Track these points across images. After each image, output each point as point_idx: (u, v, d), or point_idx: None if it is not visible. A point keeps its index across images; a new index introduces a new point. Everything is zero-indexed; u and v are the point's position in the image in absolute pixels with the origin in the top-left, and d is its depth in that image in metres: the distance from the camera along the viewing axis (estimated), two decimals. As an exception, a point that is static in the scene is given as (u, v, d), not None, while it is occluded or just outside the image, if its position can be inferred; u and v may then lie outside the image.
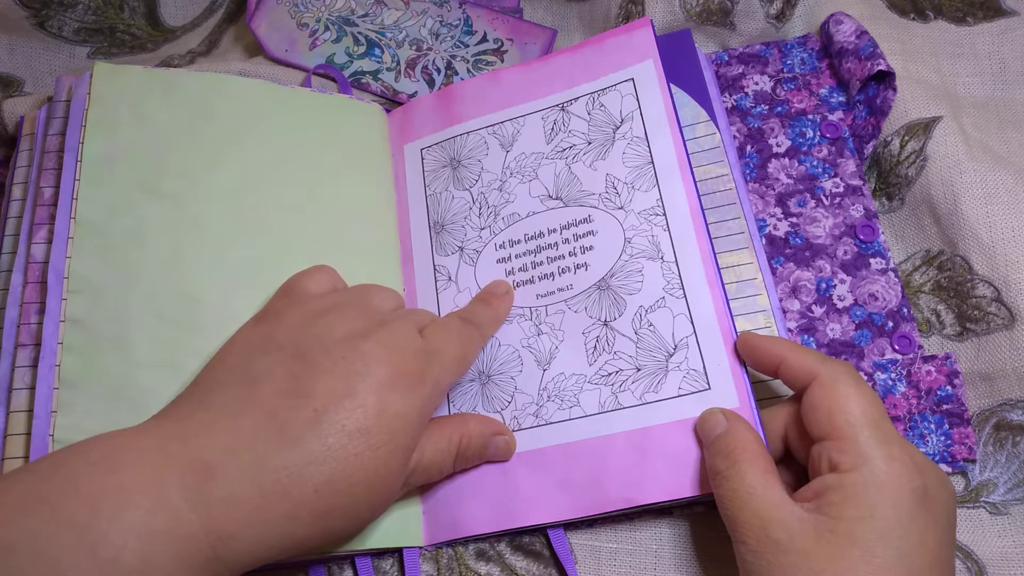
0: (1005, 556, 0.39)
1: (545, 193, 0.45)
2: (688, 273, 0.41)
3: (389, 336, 0.36)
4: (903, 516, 0.31)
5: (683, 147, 0.43)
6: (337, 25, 0.54)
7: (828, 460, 0.33)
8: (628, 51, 0.46)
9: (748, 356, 0.38)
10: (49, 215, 0.41)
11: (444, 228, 0.46)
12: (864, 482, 0.32)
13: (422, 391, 0.36)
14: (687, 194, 0.42)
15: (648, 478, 0.38)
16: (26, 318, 0.40)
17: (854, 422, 0.33)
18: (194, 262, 0.41)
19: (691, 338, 0.40)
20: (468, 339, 0.40)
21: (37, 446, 0.37)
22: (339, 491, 0.33)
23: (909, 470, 0.32)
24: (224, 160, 0.44)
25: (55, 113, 0.44)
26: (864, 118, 0.48)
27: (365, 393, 0.34)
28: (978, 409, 0.42)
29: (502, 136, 0.47)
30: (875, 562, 0.31)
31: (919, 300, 0.44)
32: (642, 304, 0.41)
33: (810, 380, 0.35)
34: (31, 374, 0.39)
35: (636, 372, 0.40)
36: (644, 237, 0.42)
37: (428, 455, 0.38)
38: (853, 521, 0.31)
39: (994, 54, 0.50)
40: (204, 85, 0.46)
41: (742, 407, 0.38)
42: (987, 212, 0.43)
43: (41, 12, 0.53)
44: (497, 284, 0.44)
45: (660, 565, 0.40)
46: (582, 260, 0.43)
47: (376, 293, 0.40)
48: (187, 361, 0.39)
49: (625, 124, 0.44)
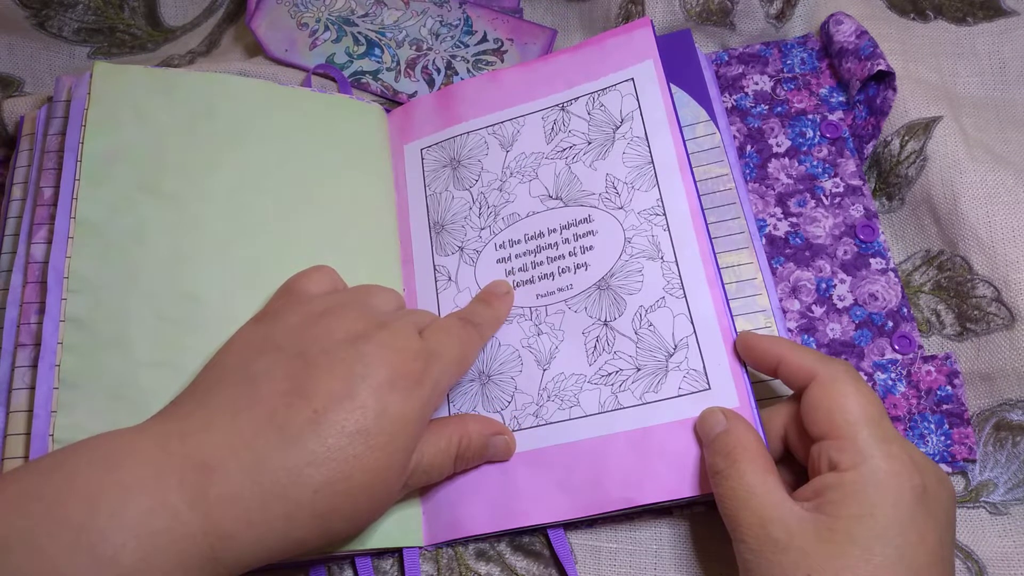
0: (1005, 556, 0.39)
1: (545, 193, 0.45)
2: (688, 273, 0.41)
3: (389, 337, 0.36)
4: (902, 515, 0.31)
5: (683, 147, 0.43)
6: (337, 25, 0.54)
7: (827, 459, 0.33)
8: (628, 51, 0.46)
9: (747, 356, 0.38)
10: (49, 215, 0.41)
11: (444, 228, 0.46)
12: (863, 481, 0.32)
13: (422, 392, 0.36)
14: (687, 194, 0.42)
15: (648, 478, 0.38)
16: (26, 318, 0.40)
17: (853, 421, 0.33)
18: (194, 261, 0.42)
19: (691, 338, 0.40)
20: (468, 340, 0.40)
21: (37, 446, 0.37)
22: (338, 492, 0.33)
23: (908, 469, 0.32)
24: (224, 160, 0.44)
25: (55, 113, 0.44)
26: (864, 118, 0.48)
27: (365, 394, 0.34)
28: (978, 409, 0.42)
29: (502, 136, 0.47)
30: (874, 561, 0.30)
31: (919, 300, 0.44)
32: (642, 304, 0.41)
33: (809, 379, 0.35)
34: (31, 374, 0.39)
35: (636, 372, 0.40)
36: (644, 237, 0.42)
37: (428, 456, 0.38)
38: (852, 520, 0.31)
39: (994, 54, 0.50)
40: (204, 85, 0.46)
41: (742, 407, 0.38)
42: (987, 212, 0.43)
43: (41, 12, 0.53)
44: (497, 284, 0.44)
45: (660, 565, 0.40)
46: (582, 260, 0.43)
47: (376, 293, 0.40)
48: (187, 361, 0.39)
49: (625, 124, 0.44)
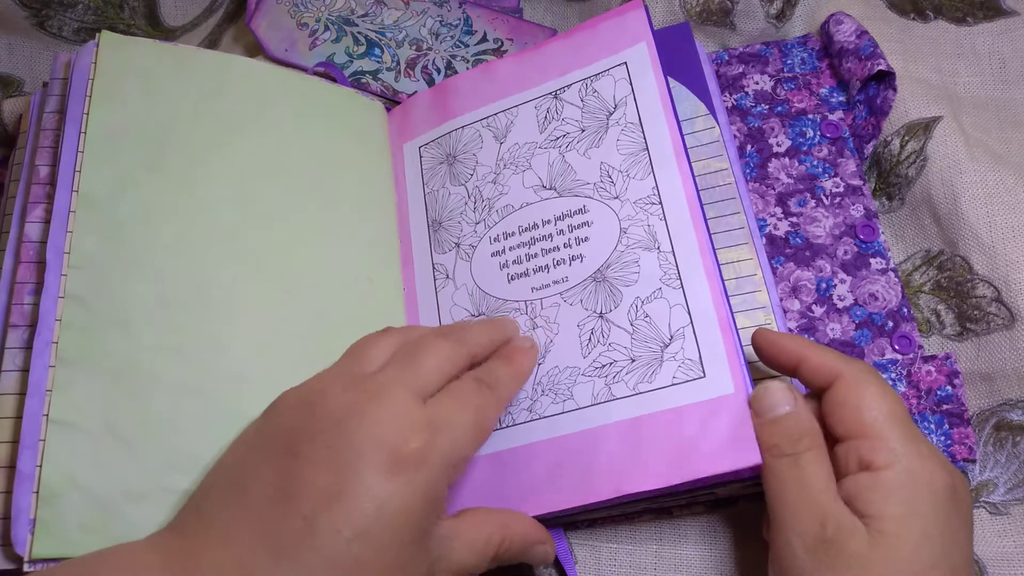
0: (1005, 556, 0.39)
1: (539, 183, 0.44)
2: (685, 263, 0.40)
3: (382, 411, 0.32)
4: (940, 514, 0.31)
5: (679, 133, 0.41)
6: (337, 25, 0.54)
7: (858, 458, 0.33)
8: (621, 34, 0.44)
9: (766, 353, 0.37)
10: (45, 194, 0.40)
11: (441, 225, 0.46)
12: (900, 480, 0.31)
13: (427, 473, 0.31)
14: (683, 181, 0.41)
15: (636, 467, 0.37)
16: (18, 298, 0.39)
17: (884, 420, 0.33)
18: (200, 246, 0.40)
19: (687, 328, 0.39)
20: (483, 404, 0.35)
21: (29, 426, 0.36)
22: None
23: (941, 468, 0.32)
24: (231, 142, 0.43)
25: (52, 91, 0.43)
26: (864, 118, 0.48)
27: (358, 490, 0.30)
28: (978, 409, 0.41)
29: (496, 128, 0.46)
30: (923, 560, 0.30)
31: (919, 300, 0.44)
32: (638, 295, 0.40)
33: (832, 379, 0.34)
34: (23, 356, 0.38)
35: (631, 363, 0.39)
36: (640, 227, 0.41)
37: (460, 551, 0.33)
38: (898, 521, 0.31)
39: (994, 54, 0.50)
40: (215, 63, 0.44)
41: (737, 393, 0.37)
42: (987, 212, 0.43)
43: (41, 12, 0.53)
44: (521, 339, 0.40)
45: (660, 565, 0.40)
46: (577, 252, 0.42)
47: (369, 345, 0.36)
48: (190, 346, 0.38)
49: (619, 110, 0.43)
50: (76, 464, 0.36)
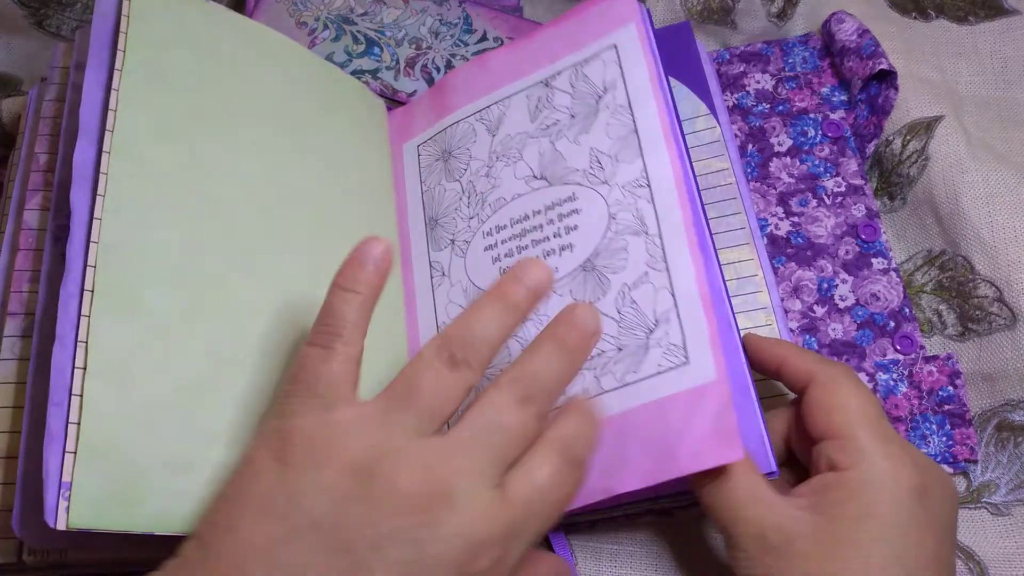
0: (1007, 557, 0.39)
1: (530, 174, 0.43)
2: (671, 244, 0.38)
3: (459, 523, 0.28)
4: (902, 515, 0.31)
5: (669, 113, 0.40)
6: (336, 24, 0.53)
7: (827, 459, 0.33)
8: (610, 17, 0.43)
9: (751, 358, 0.38)
10: (44, 181, 0.39)
11: (438, 223, 0.45)
12: (863, 480, 0.32)
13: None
14: (672, 162, 0.39)
15: (625, 465, 0.36)
16: (17, 286, 0.38)
17: (852, 420, 0.33)
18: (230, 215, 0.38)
19: (672, 311, 0.37)
20: (569, 495, 0.32)
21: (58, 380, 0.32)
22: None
23: (908, 468, 0.32)
24: (261, 111, 0.42)
25: (52, 80, 0.43)
26: (866, 117, 0.47)
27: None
28: (980, 410, 0.41)
29: (489, 121, 0.45)
30: (872, 563, 0.30)
31: (921, 300, 0.44)
32: (625, 282, 0.39)
33: (809, 381, 0.35)
34: (20, 344, 0.37)
35: (618, 352, 0.38)
36: (629, 212, 0.40)
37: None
38: (852, 521, 0.31)
39: (996, 53, 0.50)
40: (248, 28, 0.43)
41: (720, 381, 0.35)
42: (989, 212, 0.43)
43: (39, 11, 0.53)
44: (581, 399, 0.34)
45: (660, 565, 0.40)
46: (567, 241, 0.41)
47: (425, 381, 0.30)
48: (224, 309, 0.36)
49: (608, 93, 0.42)
50: (118, 423, 0.32)
